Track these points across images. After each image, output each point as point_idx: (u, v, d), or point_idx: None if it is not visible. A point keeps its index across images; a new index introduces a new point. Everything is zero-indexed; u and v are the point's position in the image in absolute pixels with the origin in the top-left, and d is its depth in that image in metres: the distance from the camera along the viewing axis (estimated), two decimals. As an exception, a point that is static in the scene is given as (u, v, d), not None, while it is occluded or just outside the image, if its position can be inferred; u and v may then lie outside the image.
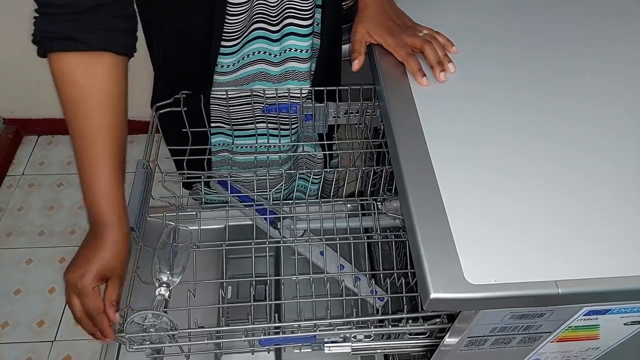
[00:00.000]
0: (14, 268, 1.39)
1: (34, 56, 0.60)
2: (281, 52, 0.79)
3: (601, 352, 0.65)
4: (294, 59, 0.80)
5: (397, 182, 0.56)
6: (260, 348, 0.71)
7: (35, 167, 1.63)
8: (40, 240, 1.45)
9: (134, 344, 0.62)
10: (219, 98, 0.82)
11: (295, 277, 0.71)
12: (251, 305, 0.68)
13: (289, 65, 0.81)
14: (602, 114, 0.62)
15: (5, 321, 1.29)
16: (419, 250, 0.48)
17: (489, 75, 0.66)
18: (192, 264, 0.72)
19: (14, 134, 1.66)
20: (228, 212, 0.85)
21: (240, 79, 0.81)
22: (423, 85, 0.65)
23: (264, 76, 0.82)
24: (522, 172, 0.55)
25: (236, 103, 0.85)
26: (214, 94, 0.81)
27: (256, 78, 0.82)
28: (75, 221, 1.48)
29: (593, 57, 0.69)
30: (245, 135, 0.91)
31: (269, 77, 0.82)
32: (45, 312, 1.31)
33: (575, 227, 0.51)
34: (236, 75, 0.80)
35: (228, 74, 0.79)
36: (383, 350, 0.72)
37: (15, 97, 1.59)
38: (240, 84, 0.81)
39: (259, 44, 0.77)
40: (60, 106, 0.60)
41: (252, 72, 0.81)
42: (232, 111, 0.85)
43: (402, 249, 0.82)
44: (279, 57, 0.79)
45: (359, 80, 0.81)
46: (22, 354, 1.24)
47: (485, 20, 0.74)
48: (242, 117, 0.87)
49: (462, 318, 0.55)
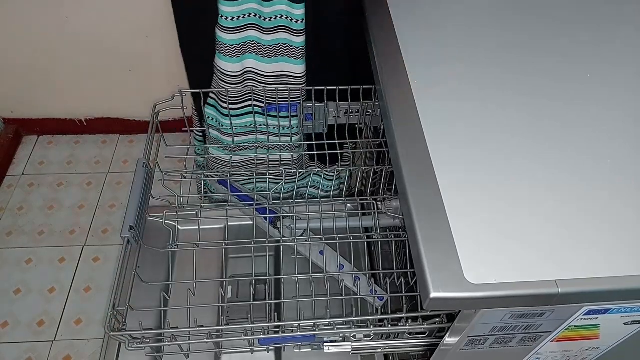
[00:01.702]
0: (14, 268, 1.39)
1: (34, 56, 0.60)
2: (272, 17, 0.79)
3: (601, 351, 0.65)
4: (285, 28, 0.80)
5: (397, 182, 0.56)
6: (260, 347, 0.71)
7: (35, 167, 1.63)
8: (40, 240, 1.45)
9: (134, 343, 0.62)
10: (220, 71, 0.83)
11: (295, 276, 0.71)
12: (251, 304, 0.68)
13: (280, 36, 0.80)
14: (602, 115, 0.62)
15: (5, 321, 1.29)
16: (419, 250, 0.48)
17: (489, 76, 0.66)
18: (192, 263, 0.72)
19: (14, 134, 1.66)
20: (228, 212, 0.86)
21: (234, 45, 0.81)
22: None
23: (256, 47, 0.82)
24: (522, 172, 0.55)
25: (234, 82, 0.85)
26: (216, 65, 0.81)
27: (248, 48, 0.82)
28: (75, 221, 1.48)
29: (593, 57, 0.69)
30: (239, 115, 0.92)
31: (260, 48, 0.82)
32: (45, 312, 1.31)
33: (575, 227, 0.51)
34: (232, 40, 0.80)
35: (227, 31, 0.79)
36: (383, 349, 0.72)
37: (15, 97, 1.59)
38: (235, 55, 0.81)
39: (250, 4, 0.78)
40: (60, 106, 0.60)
41: (244, 40, 0.81)
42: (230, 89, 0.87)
43: (402, 249, 0.82)
44: (269, 22, 0.79)
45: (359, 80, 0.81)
46: (22, 353, 1.24)
47: (486, 21, 0.74)
48: (237, 96, 0.88)
49: (462, 318, 0.55)
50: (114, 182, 1.60)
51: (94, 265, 1.41)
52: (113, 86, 1.57)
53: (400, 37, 0.71)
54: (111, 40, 1.43)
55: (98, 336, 1.27)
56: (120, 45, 1.44)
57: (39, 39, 1.42)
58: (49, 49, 1.44)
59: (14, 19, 1.37)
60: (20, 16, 1.37)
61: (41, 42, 1.42)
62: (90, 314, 1.31)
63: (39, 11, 1.36)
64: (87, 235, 1.46)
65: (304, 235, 0.83)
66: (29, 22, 1.38)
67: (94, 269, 1.40)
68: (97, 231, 1.47)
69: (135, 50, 1.37)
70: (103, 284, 1.37)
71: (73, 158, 1.66)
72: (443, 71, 0.66)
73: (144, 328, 0.62)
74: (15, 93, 1.57)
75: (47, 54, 1.45)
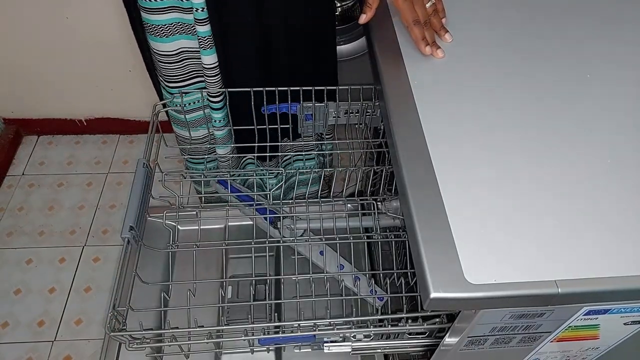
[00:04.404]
0: (14, 268, 1.39)
1: (34, 56, 0.60)
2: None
3: (601, 352, 0.65)
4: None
5: (397, 182, 0.56)
6: (260, 347, 0.71)
7: (35, 167, 1.63)
8: (41, 240, 1.45)
9: (134, 343, 0.62)
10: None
11: (295, 276, 0.71)
12: (251, 304, 0.68)
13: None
14: (602, 115, 0.62)
15: (5, 321, 1.29)
16: (419, 250, 0.48)
17: (490, 76, 0.66)
18: (192, 263, 0.72)
19: (14, 134, 1.66)
20: (228, 212, 0.86)
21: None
22: (426, 54, 0.66)
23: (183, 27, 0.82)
24: (522, 171, 0.55)
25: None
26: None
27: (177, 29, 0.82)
28: (75, 221, 1.48)
29: (593, 57, 0.69)
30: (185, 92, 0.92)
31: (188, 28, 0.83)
32: (45, 312, 1.31)
33: (575, 227, 0.51)
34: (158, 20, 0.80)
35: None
36: (383, 350, 0.72)
37: (15, 97, 1.59)
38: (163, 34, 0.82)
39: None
40: (60, 106, 0.60)
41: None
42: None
43: (402, 249, 0.82)
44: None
45: (359, 80, 0.81)
46: (22, 354, 1.24)
47: (487, 21, 0.74)
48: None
49: (462, 318, 0.56)
50: (114, 183, 1.60)
51: (94, 265, 1.41)
52: (113, 86, 1.57)
53: (401, 37, 0.71)
54: (111, 40, 1.43)
55: (98, 336, 1.28)
56: (120, 45, 1.44)
57: (39, 39, 1.42)
58: (49, 49, 1.44)
59: (14, 19, 1.37)
60: (20, 16, 1.37)
61: (41, 42, 1.42)
62: (91, 314, 1.32)
63: (39, 11, 1.36)
64: (87, 235, 1.47)
65: (304, 236, 0.83)
66: (29, 22, 1.38)
67: (94, 269, 1.40)
68: (97, 231, 1.47)
69: (135, 50, 1.37)
70: (103, 284, 1.37)
71: (73, 158, 1.67)
72: (443, 71, 0.66)
73: (144, 328, 0.62)
74: (15, 93, 1.57)
75: (48, 54, 1.45)
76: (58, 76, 1.52)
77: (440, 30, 0.69)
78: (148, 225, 0.72)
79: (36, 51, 1.44)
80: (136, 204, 0.68)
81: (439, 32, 0.69)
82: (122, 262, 0.62)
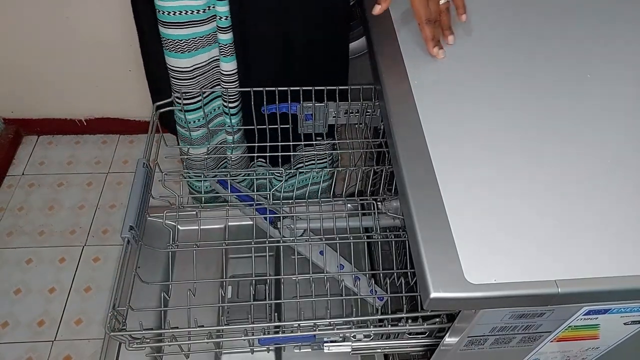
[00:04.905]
0: (14, 268, 1.39)
1: (34, 56, 0.60)
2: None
3: (601, 351, 0.65)
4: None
5: (397, 182, 0.56)
6: (260, 347, 0.71)
7: (35, 167, 1.63)
8: (41, 240, 1.45)
9: (134, 343, 0.62)
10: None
11: (295, 276, 0.71)
12: (251, 304, 0.68)
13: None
14: (603, 115, 0.62)
15: (5, 321, 1.29)
16: (419, 250, 0.48)
17: (490, 76, 0.66)
18: (192, 263, 0.72)
19: (14, 134, 1.66)
20: (228, 212, 0.86)
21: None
22: (433, 55, 0.66)
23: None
24: (522, 172, 0.55)
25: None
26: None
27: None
28: (76, 221, 1.48)
29: (593, 57, 0.69)
30: (193, 109, 0.92)
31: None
32: (46, 312, 1.31)
33: (575, 227, 0.51)
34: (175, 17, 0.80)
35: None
36: (383, 350, 0.72)
37: (15, 97, 1.59)
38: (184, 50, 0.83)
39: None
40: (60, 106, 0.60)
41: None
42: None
43: (402, 249, 0.82)
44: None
45: (359, 80, 0.81)
46: (22, 353, 1.24)
47: (486, 18, 0.74)
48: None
49: (462, 318, 0.55)
50: (114, 182, 1.60)
51: (94, 265, 1.41)
52: (113, 86, 1.57)
53: (401, 37, 0.71)
54: (111, 40, 1.43)
55: (98, 336, 1.28)
56: (120, 45, 1.44)
57: (39, 39, 1.42)
58: (49, 49, 1.44)
59: (15, 19, 1.37)
60: (20, 16, 1.37)
61: (41, 42, 1.42)
62: (91, 314, 1.31)
63: (39, 11, 1.36)
64: (87, 235, 1.46)
65: (304, 236, 0.83)
66: (29, 22, 1.38)
67: (94, 269, 1.40)
68: (97, 231, 1.47)
69: (135, 50, 1.37)
70: (103, 284, 1.37)
71: (73, 158, 1.66)
72: (443, 71, 0.66)
73: (144, 328, 0.62)
74: (15, 93, 1.57)
75: (48, 54, 1.45)
76: (58, 76, 1.52)
77: (446, 31, 0.69)
78: (148, 225, 0.72)
79: (36, 51, 1.44)
80: (136, 203, 0.68)
81: (444, 32, 0.69)
82: (122, 262, 0.62)
